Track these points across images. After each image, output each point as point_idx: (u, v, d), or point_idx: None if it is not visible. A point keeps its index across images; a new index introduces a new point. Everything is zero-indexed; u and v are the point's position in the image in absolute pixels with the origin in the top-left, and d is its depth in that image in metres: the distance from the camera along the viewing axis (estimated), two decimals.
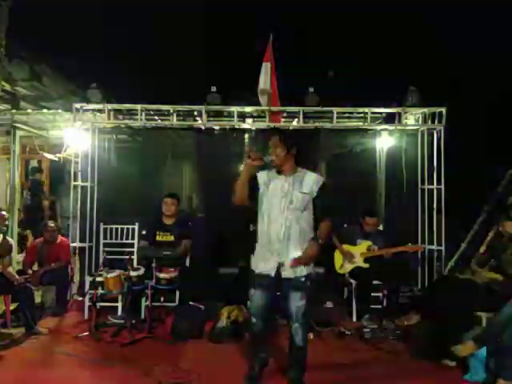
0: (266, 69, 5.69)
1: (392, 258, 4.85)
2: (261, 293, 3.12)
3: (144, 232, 5.01)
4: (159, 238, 4.94)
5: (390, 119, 5.69)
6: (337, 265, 5.13)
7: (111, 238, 5.44)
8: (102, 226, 5.45)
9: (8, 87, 6.29)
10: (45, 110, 6.38)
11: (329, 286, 5.24)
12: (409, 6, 7.89)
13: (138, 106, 5.48)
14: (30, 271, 5.09)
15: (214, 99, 5.39)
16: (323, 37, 8.45)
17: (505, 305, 3.29)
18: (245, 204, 3.11)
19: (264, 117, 5.67)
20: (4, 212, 5.04)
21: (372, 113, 5.57)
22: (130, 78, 7.46)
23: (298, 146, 3.12)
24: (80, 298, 5.23)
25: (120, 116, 5.83)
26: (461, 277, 3.94)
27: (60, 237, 5.35)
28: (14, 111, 6.25)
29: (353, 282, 4.94)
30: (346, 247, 5.08)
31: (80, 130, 5.54)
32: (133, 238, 5.41)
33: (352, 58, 8.27)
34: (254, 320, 3.18)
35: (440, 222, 5.37)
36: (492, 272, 3.66)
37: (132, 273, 4.33)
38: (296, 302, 3.05)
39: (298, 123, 5.56)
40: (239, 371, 3.43)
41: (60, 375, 3.48)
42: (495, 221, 5.03)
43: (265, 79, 5.68)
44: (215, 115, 5.78)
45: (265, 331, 3.28)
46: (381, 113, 5.72)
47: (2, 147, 8.32)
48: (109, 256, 4.87)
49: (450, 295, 3.66)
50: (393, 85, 5.96)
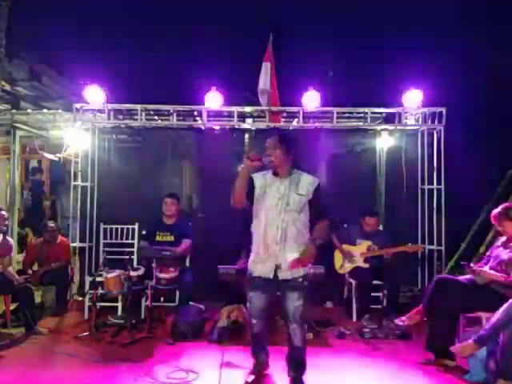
0: (266, 69, 5.69)
1: (392, 258, 4.86)
2: (259, 294, 3.14)
3: (144, 232, 5.02)
4: (159, 238, 4.96)
5: (390, 119, 5.68)
6: (337, 265, 5.13)
7: (111, 238, 5.45)
8: (102, 226, 5.46)
9: (8, 87, 6.29)
10: (45, 110, 6.37)
11: (329, 286, 5.25)
12: (409, 6, 7.90)
13: (138, 106, 5.48)
14: (30, 271, 5.09)
15: (214, 99, 5.38)
16: (323, 37, 8.45)
17: (505, 305, 3.29)
18: (242, 205, 3.10)
19: (264, 117, 5.66)
20: (4, 212, 5.04)
21: (372, 113, 5.56)
22: (130, 78, 7.46)
23: (296, 148, 3.13)
24: (80, 298, 5.24)
25: (120, 116, 5.82)
26: (461, 277, 3.94)
27: (60, 237, 5.36)
28: (14, 111, 6.25)
29: (353, 282, 4.94)
30: (346, 247, 5.08)
31: (80, 130, 5.54)
32: (133, 238, 5.42)
33: (352, 58, 8.27)
34: (254, 321, 3.20)
35: (440, 222, 5.37)
36: (492, 272, 3.66)
37: (132, 273, 4.33)
38: (293, 302, 3.07)
39: (298, 123, 5.56)
40: (239, 371, 3.44)
41: (60, 375, 3.48)
42: None
43: (265, 79, 5.68)
44: (215, 115, 5.78)
45: (265, 332, 3.30)
46: (381, 113, 5.71)
47: (2, 147, 8.32)
48: (109, 256, 4.86)
49: (450, 295, 3.66)
50: (393, 85, 5.95)
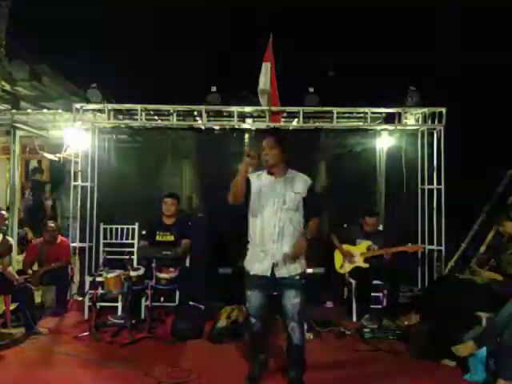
0: (266, 69, 5.69)
1: (392, 258, 4.86)
2: (258, 293, 3.15)
3: (144, 232, 5.01)
4: (159, 238, 4.95)
5: (390, 119, 5.68)
6: (337, 265, 5.13)
7: (111, 238, 5.44)
8: (102, 226, 5.46)
9: (8, 87, 6.28)
10: (45, 110, 6.37)
11: (329, 286, 5.25)
12: (408, 6, 7.90)
13: (138, 106, 5.48)
14: (30, 271, 5.09)
15: (214, 99, 5.38)
16: (323, 37, 8.45)
17: (505, 305, 3.29)
18: (240, 203, 3.12)
19: (264, 117, 5.66)
20: (4, 212, 5.04)
21: (372, 113, 5.56)
22: (130, 78, 7.46)
23: (293, 149, 3.19)
24: (80, 298, 5.24)
25: (120, 116, 5.83)
26: (461, 277, 3.94)
27: (60, 237, 5.35)
28: (14, 111, 6.25)
29: (353, 282, 4.94)
30: (346, 247, 5.08)
31: (80, 130, 5.54)
32: (133, 238, 5.41)
33: (352, 58, 8.27)
34: (254, 320, 3.21)
35: (440, 222, 5.37)
36: (492, 272, 3.66)
37: (132, 273, 4.33)
38: (291, 301, 3.08)
39: (298, 123, 5.56)
40: (239, 371, 3.43)
41: (60, 375, 3.48)
42: (495, 221, 5.03)
43: (265, 79, 5.68)
44: (215, 115, 5.78)
45: (264, 331, 3.30)
46: (381, 113, 5.71)
47: (2, 147, 8.32)
48: (109, 256, 4.86)
49: (450, 295, 3.66)
50: (393, 85, 5.96)
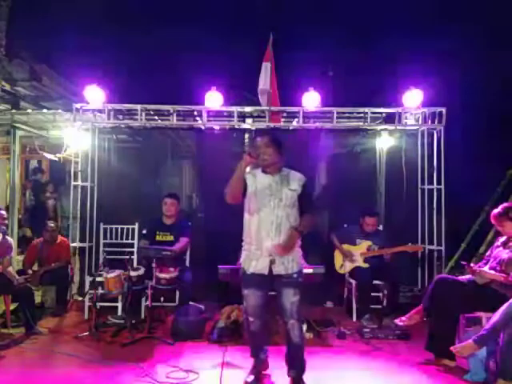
0: (266, 69, 5.69)
1: (392, 258, 4.86)
2: (255, 292, 3.15)
3: (144, 231, 5.02)
4: (159, 238, 4.95)
5: (390, 119, 5.68)
6: (337, 265, 5.13)
7: (111, 238, 5.44)
8: (102, 226, 5.46)
9: (8, 87, 6.29)
10: (45, 110, 6.37)
11: (329, 286, 5.25)
12: (409, 6, 7.90)
13: (138, 106, 5.48)
14: (30, 271, 5.08)
15: (214, 99, 5.38)
16: (323, 36, 8.45)
17: (504, 305, 3.29)
18: (238, 201, 3.13)
19: (264, 117, 5.66)
20: (3, 211, 5.04)
21: (372, 113, 5.56)
22: (130, 78, 7.46)
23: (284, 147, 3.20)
24: (80, 298, 5.24)
25: (120, 116, 5.82)
26: (461, 277, 3.94)
27: (60, 237, 5.36)
28: (14, 111, 6.25)
29: (353, 282, 4.94)
30: (346, 247, 5.08)
31: (80, 130, 5.54)
32: (133, 238, 5.41)
33: (352, 58, 8.27)
34: (252, 319, 3.20)
35: (440, 222, 5.36)
36: (492, 272, 3.66)
37: (132, 273, 4.32)
38: (290, 299, 3.08)
39: (298, 123, 5.56)
40: (239, 371, 3.44)
41: (60, 375, 3.48)
42: None
43: (265, 79, 5.68)
44: (215, 115, 5.78)
45: (263, 330, 3.29)
46: (381, 113, 5.71)
47: (2, 147, 8.33)
48: (109, 256, 4.86)
49: (450, 295, 3.66)
50: (393, 85, 5.96)
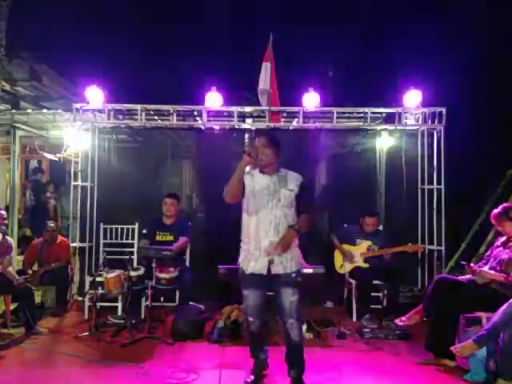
0: (266, 69, 5.69)
1: (392, 258, 4.85)
2: (254, 292, 3.15)
3: (144, 231, 5.01)
4: (159, 238, 4.95)
5: (390, 119, 5.68)
6: (337, 265, 5.13)
7: (111, 238, 5.44)
8: (102, 226, 5.46)
9: (8, 87, 6.30)
10: (45, 110, 6.37)
11: (329, 286, 5.24)
12: (408, 6, 7.90)
13: (138, 106, 5.48)
14: (30, 271, 5.08)
15: (214, 99, 5.38)
16: (323, 36, 8.45)
17: (505, 305, 3.29)
18: (236, 200, 3.13)
19: (264, 117, 5.66)
20: (3, 211, 5.04)
21: (372, 113, 5.56)
22: (130, 78, 7.46)
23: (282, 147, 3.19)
24: (80, 298, 5.24)
25: (120, 116, 5.82)
26: (461, 277, 3.94)
27: (60, 237, 5.35)
28: (14, 111, 6.25)
29: (353, 282, 4.94)
30: (346, 247, 5.08)
31: (80, 130, 5.54)
32: (133, 238, 5.41)
33: (352, 58, 8.28)
34: (251, 319, 3.19)
35: (440, 222, 5.36)
36: (492, 272, 3.66)
37: (132, 273, 4.32)
38: (288, 298, 3.08)
39: (298, 123, 5.56)
40: (239, 371, 3.44)
41: (60, 375, 3.48)
42: None
43: (265, 79, 5.68)
44: (215, 115, 5.78)
45: (263, 330, 3.29)
46: (381, 113, 5.71)
47: (2, 147, 8.33)
48: (109, 256, 4.86)
49: (450, 295, 3.66)
50: (393, 85, 5.96)
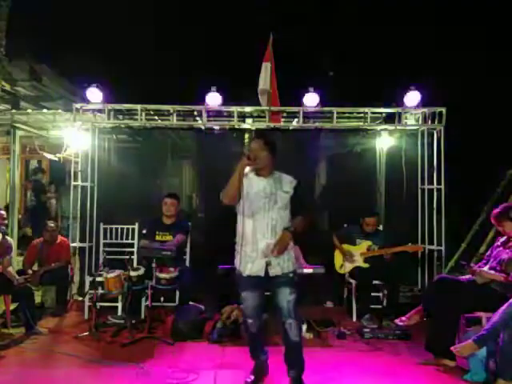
0: (266, 69, 5.70)
1: (392, 258, 4.85)
2: (251, 293, 3.16)
3: (144, 231, 5.01)
4: (159, 238, 4.96)
5: (390, 119, 5.68)
6: (337, 265, 5.13)
7: (111, 238, 5.44)
8: (102, 226, 5.45)
9: (8, 87, 6.30)
10: (45, 110, 6.38)
11: (329, 286, 5.24)
12: (408, 5, 7.91)
13: (138, 106, 5.48)
14: (30, 271, 5.09)
15: (214, 99, 5.38)
16: (323, 36, 8.46)
17: (505, 305, 3.29)
18: (234, 202, 3.13)
19: (264, 117, 5.66)
20: (3, 212, 5.04)
21: (372, 113, 5.56)
22: (130, 78, 7.47)
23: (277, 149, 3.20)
24: (80, 298, 5.24)
25: (120, 116, 5.83)
26: (461, 277, 3.94)
27: (60, 237, 5.35)
28: (14, 111, 6.26)
29: (353, 282, 4.94)
30: (346, 247, 5.08)
31: (80, 130, 5.54)
32: (133, 238, 5.41)
33: (352, 58, 8.28)
34: (251, 321, 3.20)
35: (440, 222, 5.36)
36: (492, 272, 3.66)
37: (132, 273, 4.32)
38: (286, 298, 3.08)
39: (298, 123, 5.56)
40: (239, 372, 3.43)
41: (60, 375, 3.48)
42: None
43: (265, 79, 5.68)
44: (215, 115, 5.78)
45: (262, 330, 3.29)
46: (381, 113, 5.71)
47: (2, 147, 8.34)
48: (109, 256, 4.86)
49: (450, 295, 3.66)
50: (393, 85, 5.96)
